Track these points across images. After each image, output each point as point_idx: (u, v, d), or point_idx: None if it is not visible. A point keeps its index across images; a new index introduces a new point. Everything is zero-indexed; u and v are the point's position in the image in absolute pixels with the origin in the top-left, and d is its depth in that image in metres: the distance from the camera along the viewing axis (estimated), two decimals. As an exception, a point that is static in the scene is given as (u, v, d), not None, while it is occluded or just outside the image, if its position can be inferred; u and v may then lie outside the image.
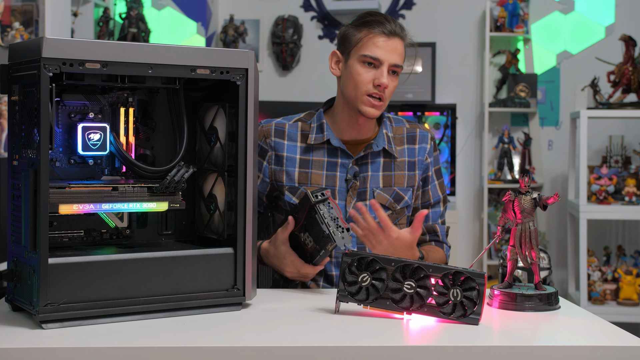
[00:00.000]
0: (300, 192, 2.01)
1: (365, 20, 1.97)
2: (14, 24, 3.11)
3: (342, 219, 1.74)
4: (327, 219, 1.73)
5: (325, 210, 1.74)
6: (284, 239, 1.82)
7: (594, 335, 1.50)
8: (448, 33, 4.84)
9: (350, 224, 1.79)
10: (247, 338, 1.46)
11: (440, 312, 1.53)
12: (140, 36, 4.32)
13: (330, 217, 1.74)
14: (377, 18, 1.96)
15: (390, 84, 1.95)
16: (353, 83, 1.96)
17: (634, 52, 3.85)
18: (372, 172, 2.03)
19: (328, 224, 1.73)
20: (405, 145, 2.09)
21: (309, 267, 1.81)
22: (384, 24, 1.94)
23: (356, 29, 1.97)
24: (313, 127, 2.05)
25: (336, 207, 1.75)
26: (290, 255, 1.82)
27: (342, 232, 1.72)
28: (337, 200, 2.01)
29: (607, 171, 3.93)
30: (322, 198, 1.75)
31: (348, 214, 1.81)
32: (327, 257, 1.79)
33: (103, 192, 1.56)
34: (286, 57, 4.88)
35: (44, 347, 1.34)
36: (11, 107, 1.54)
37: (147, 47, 1.53)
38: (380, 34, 1.94)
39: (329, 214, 1.74)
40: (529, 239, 1.68)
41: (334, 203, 1.76)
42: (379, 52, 1.93)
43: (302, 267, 1.82)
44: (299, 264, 1.82)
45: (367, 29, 1.95)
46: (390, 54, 1.94)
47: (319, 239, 1.76)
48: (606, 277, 4.01)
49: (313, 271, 1.82)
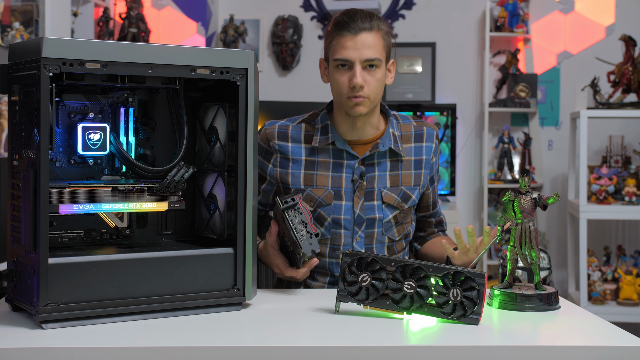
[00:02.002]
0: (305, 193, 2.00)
1: (335, 23, 1.95)
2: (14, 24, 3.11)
3: (311, 224, 1.74)
4: (295, 225, 1.74)
5: (293, 217, 1.75)
6: (272, 242, 1.85)
7: (594, 335, 1.50)
8: (448, 33, 4.84)
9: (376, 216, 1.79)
10: (247, 338, 1.46)
11: (440, 312, 1.53)
12: (140, 36, 4.32)
13: (299, 222, 1.74)
14: (343, 18, 1.93)
15: (369, 79, 1.92)
16: (335, 89, 1.97)
17: (634, 52, 3.85)
18: (379, 172, 2.02)
19: (296, 229, 1.73)
20: (412, 144, 2.07)
21: (292, 271, 1.82)
22: (349, 23, 1.91)
23: (329, 33, 1.97)
24: (318, 129, 2.03)
25: (306, 212, 1.75)
26: (276, 258, 1.85)
27: (311, 237, 1.73)
28: (344, 201, 2.00)
29: (607, 171, 3.93)
30: (292, 204, 1.76)
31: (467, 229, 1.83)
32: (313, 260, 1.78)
33: (103, 192, 1.56)
34: (286, 57, 4.88)
35: (44, 347, 1.34)
36: (11, 107, 1.54)
37: (147, 47, 1.53)
38: (346, 34, 1.91)
39: (299, 219, 1.74)
40: (529, 239, 1.68)
41: (303, 208, 1.76)
42: (346, 53, 1.91)
43: (286, 271, 1.83)
44: (283, 268, 1.84)
45: (336, 31, 1.94)
46: (358, 51, 1.91)
47: (293, 244, 1.77)
48: (606, 277, 4.01)
49: (297, 275, 1.82)
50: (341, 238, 2.00)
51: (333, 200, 1.99)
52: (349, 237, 2.00)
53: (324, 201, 1.99)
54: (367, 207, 2.01)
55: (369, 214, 2.01)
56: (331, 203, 1.99)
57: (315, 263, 1.81)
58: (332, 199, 1.99)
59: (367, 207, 2.01)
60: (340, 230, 2.00)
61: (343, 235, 2.00)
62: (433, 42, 4.83)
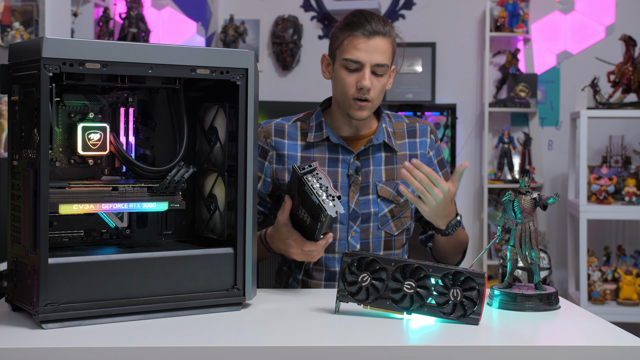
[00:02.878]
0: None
1: (348, 22, 1.95)
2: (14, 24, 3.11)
3: (332, 187, 1.71)
4: (316, 190, 1.70)
5: (314, 181, 1.71)
6: (285, 220, 1.81)
7: (594, 335, 1.50)
8: (448, 33, 4.84)
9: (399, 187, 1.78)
10: (247, 338, 1.46)
11: (440, 312, 1.53)
12: (140, 36, 4.31)
13: (319, 186, 1.70)
14: (358, 19, 1.94)
15: (375, 84, 1.93)
16: (339, 88, 1.97)
17: (634, 52, 3.85)
18: (374, 167, 2.03)
19: (317, 194, 1.69)
20: (406, 140, 2.08)
21: (311, 244, 1.78)
22: (364, 25, 1.92)
23: (340, 31, 1.97)
24: (312, 126, 2.05)
25: (325, 177, 1.72)
26: (292, 234, 1.80)
27: (333, 200, 1.69)
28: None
29: (607, 171, 3.93)
30: (310, 169, 1.72)
31: (402, 172, 1.80)
32: (329, 232, 1.76)
33: (103, 192, 1.56)
34: (286, 57, 4.88)
35: (44, 347, 1.34)
36: (11, 107, 1.54)
37: (147, 47, 1.53)
38: (360, 36, 1.91)
39: (319, 184, 1.71)
40: (529, 239, 1.68)
41: (322, 173, 1.73)
42: (358, 54, 1.91)
43: (305, 245, 1.79)
44: (301, 242, 1.79)
45: (348, 31, 1.94)
46: (370, 54, 1.91)
47: (313, 211, 1.72)
48: (606, 277, 4.01)
49: (316, 248, 1.79)
50: (336, 233, 2.00)
51: None
52: (344, 231, 2.01)
53: None
54: (362, 202, 2.01)
55: (364, 208, 2.01)
56: None
57: (331, 238, 1.78)
58: None
59: (362, 201, 2.01)
60: (336, 225, 2.00)
61: (338, 229, 2.00)
62: (433, 42, 4.83)
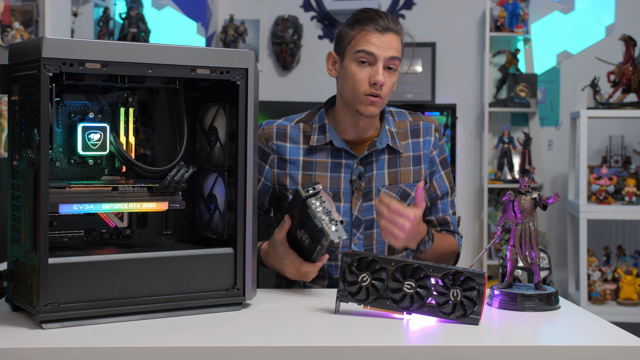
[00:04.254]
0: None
1: (358, 18, 1.94)
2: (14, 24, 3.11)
3: (335, 211, 1.70)
4: (319, 213, 1.69)
5: (317, 205, 1.70)
6: (282, 239, 1.79)
7: (594, 335, 1.50)
8: (448, 33, 4.84)
9: (374, 216, 1.75)
10: (247, 338, 1.46)
11: (440, 312, 1.53)
12: (140, 36, 4.31)
13: (323, 210, 1.69)
14: (369, 15, 1.93)
15: (387, 81, 1.91)
16: (350, 84, 1.93)
17: (634, 52, 3.85)
18: (377, 170, 2.00)
19: (321, 217, 1.68)
20: (409, 140, 2.05)
21: (308, 266, 1.77)
22: (377, 20, 1.91)
23: (349, 27, 1.95)
24: (315, 128, 2.02)
25: (329, 200, 1.71)
26: (289, 254, 1.78)
27: (336, 224, 1.68)
28: (342, 202, 1.98)
29: (607, 171, 3.93)
30: (314, 192, 1.71)
31: (376, 204, 1.79)
32: (325, 254, 1.76)
33: (103, 192, 1.56)
34: (286, 57, 4.88)
35: (44, 347, 1.34)
36: (11, 107, 1.54)
37: (147, 47, 1.53)
38: (373, 30, 1.90)
39: (322, 207, 1.70)
40: (529, 239, 1.68)
41: (326, 196, 1.72)
42: (372, 47, 1.90)
43: (302, 266, 1.77)
44: (298, 263, 1.77)
45: (359, 26, 1.92)
46: (384, 49, 1.90)
47: (314, 234, 1.71)
48: (606, 277, 4.01)
49: (313, 269, 1.78)
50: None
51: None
52: (347, 238, 1.99)
53: None
54: (365, 208, 1.99)
55: (367, 214, 1.99)
56: None
57: (326, 259, 1.77)
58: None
59: (365, 207, 1.99)
60: None
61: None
62: (433, 42, 4.83)
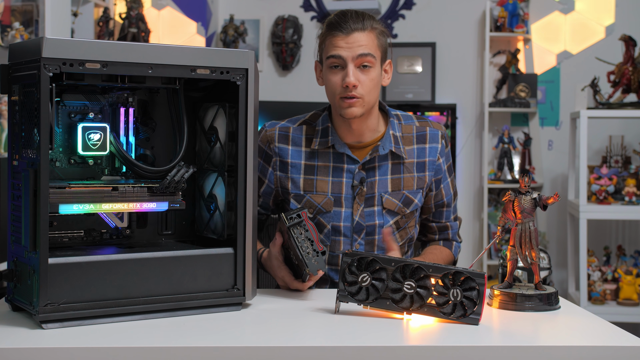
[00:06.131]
0: (305, 200, 1.99)
1: (326, 24, 1.94)
2: (14, 24, 3.11)
3: (317, 241, 1.71)
4: (300, 243, 1.71)
5: (298, 234, 1.71)
6: (276, 254, 1.81)
7: (594, 335, 1.50)
8: (448, 33, 4.84)
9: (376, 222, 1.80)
10: (247, 338, 1.46)
11: (440, 312, 1.53)
12: (140, 36, 4.31)
13: (305, 239, 1.71)
14: (335, 19, 1.92)
15: (363, 78, 1.89)
16: (329, 90, 1.94)
17: (634, 52, 3.85)
18: (379, 177, 1.98)
19: (301, 247, 1.70)
20: (414, 145, 2.02)
21: (298, 284, 1.79)
22: (341, 24, 1.90)
23: (322, 35, 1.95)
24: (318, 131, 2.00)
25: (312, 229, 1.72)
26: (280, 271, 1.81)
27: (317, 255, 1.69)
28: (344, 207, 1.97)
29: (607, 171, 3.93)
30: (297, 221, 1.72)
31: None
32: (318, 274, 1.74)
33: (103, 192, 1.56)
34: (286, 57, 4.87)
35: (44, 347, 1.34)
36: (11, 107, 1.54)
37: (147, 47, 1.53)
38: (338, 34, 1.89)
39: (305, 236, 1.71)
40: (529, 239, 1.68)
41: (309, 224, 1.72)
42: (339, 50, 1.89)
43: (292, 284, 1.80)
44: (288, 281, 1.80)
45: (327, 32, 1.92)
46: (351, 49, 1.88)
47: (299, 260, 1.74)
48: (606, 277, 4.01)
49: (302, 288, 1.79)
50: (340, 245, 1.99)
51: (333, 207, 1.97)
52: (348, 244, 1.98)
53: (323, 208, 1.97)
54: (367, 214, 1.98)
55: (369, 220, 1.98)
56: (331, 210, 1.98)
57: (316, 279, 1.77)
58: (331, 206, 1.97)
59: (367, 213, 1.98)
60: (340, 238, 1.98)
61: (342, 242, 1.99)
62: (433, 42, 4.83)
